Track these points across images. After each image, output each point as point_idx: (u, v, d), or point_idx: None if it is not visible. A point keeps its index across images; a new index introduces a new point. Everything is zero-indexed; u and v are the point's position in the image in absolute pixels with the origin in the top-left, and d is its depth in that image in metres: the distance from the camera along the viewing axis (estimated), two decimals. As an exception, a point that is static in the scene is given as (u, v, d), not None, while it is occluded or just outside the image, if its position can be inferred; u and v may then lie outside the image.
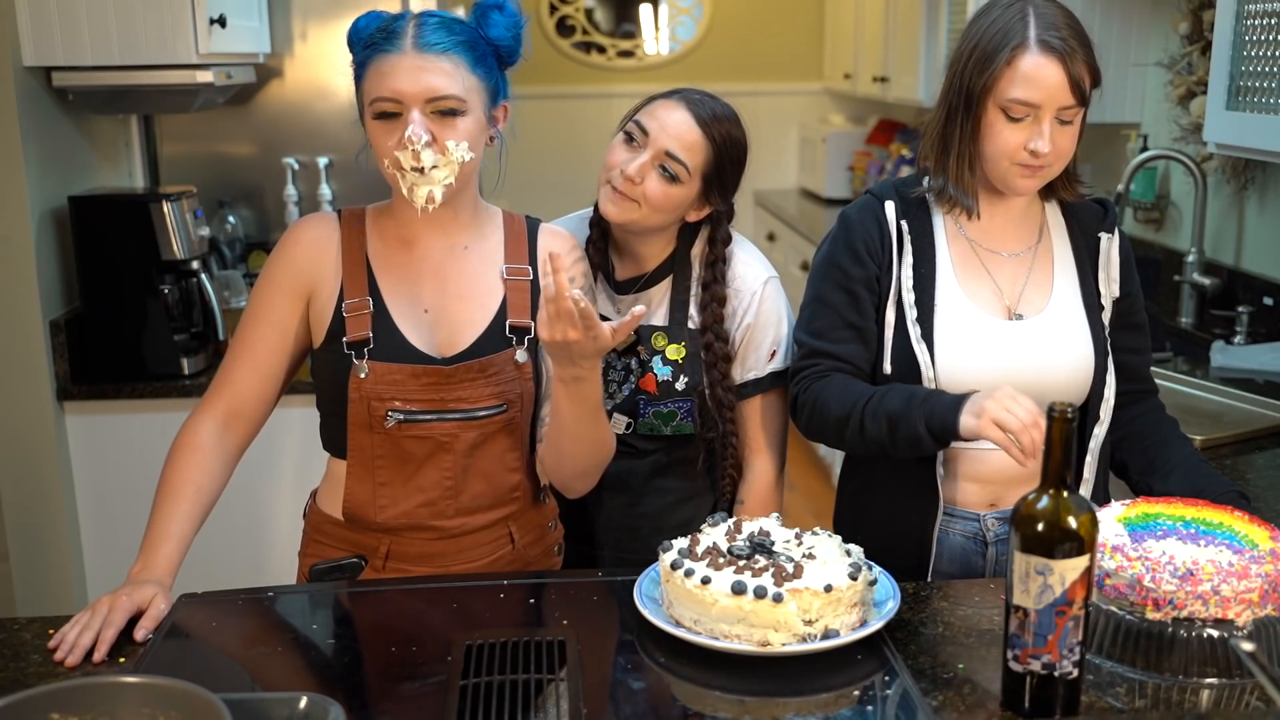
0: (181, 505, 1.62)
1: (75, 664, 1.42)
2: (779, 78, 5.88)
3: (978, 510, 1.76)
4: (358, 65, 1.65)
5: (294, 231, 1.73)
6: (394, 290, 1.68)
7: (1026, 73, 1.62)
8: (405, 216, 1.69)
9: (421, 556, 1.71)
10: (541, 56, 5.73)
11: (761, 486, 1.96)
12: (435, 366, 1.65)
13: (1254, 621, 1.35)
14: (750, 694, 1.35)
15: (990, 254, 1.77)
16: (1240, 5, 2.24)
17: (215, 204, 3.20)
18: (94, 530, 2.75)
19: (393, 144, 1.58)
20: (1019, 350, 1.73)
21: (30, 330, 2.61)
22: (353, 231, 1.70)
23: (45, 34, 2.55)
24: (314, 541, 1.76)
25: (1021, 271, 1.78)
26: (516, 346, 1.69)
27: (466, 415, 1.66)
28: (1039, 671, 1.26)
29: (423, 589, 1.65)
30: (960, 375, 1.70)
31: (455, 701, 1.32)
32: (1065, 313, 1.76)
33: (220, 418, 1.69)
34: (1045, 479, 1.25)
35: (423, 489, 1.68)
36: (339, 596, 1.65)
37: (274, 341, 1.69)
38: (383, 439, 1.66)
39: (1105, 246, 1.79)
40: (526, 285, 1.72)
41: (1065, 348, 1.74)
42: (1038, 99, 1.62)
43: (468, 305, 1.69)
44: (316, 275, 1.68)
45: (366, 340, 1.64)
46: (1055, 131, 1.65)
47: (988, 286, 1.76)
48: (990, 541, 1.76)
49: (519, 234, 1.76)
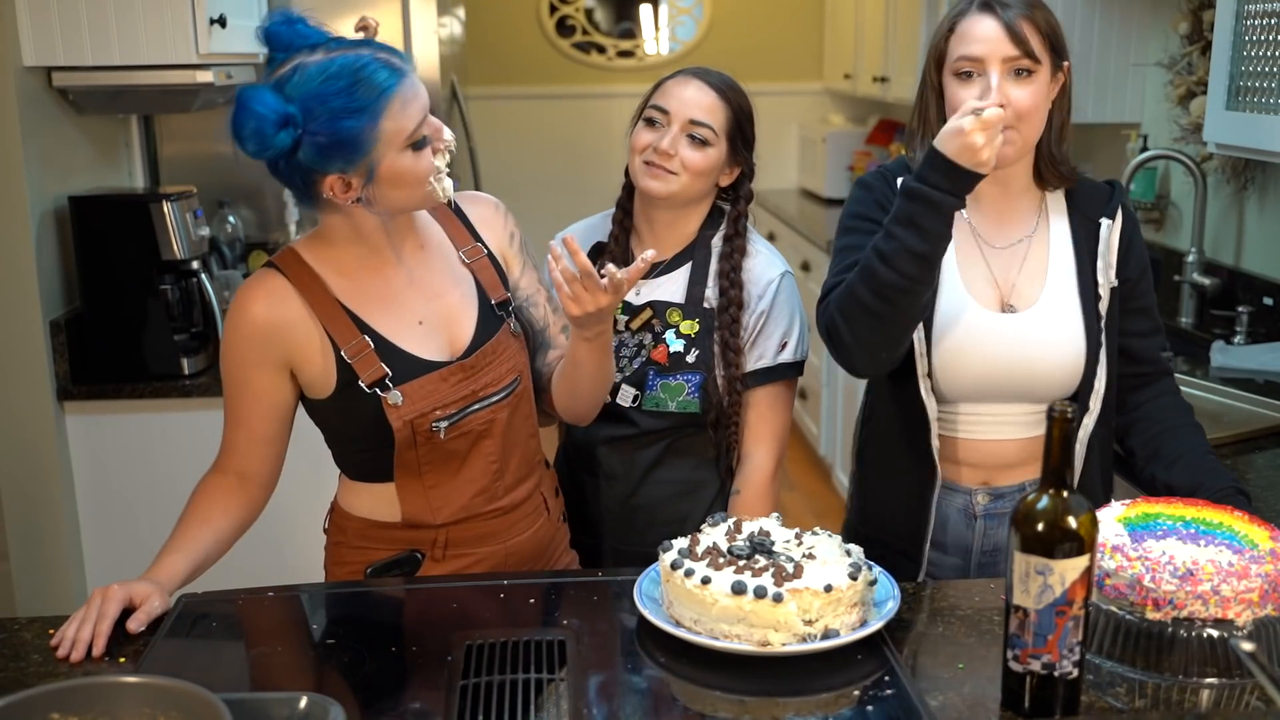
0: (190, 528, 1.62)
1: (79, 659, 1.42)
2: (779, 78, 5.88)
3: (970, 486, 1.81)
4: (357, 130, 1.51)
5: (244, 309, 1.61)
6: (381, 317, 1.65)
7: (964, 31, 1.67)
8: (367, 245, 1.64)
9: (479, 538, 1.73)
10: (541, 56, 5.73)
11: (759, 478, 1.97)
12: (459, 363, 1.67)
13: (1254, 621, 1.35)
14: (750, 694, 1.35)
15: (986, 243, 1.79)
16: (1240, 5, 2.23)
17: (215, 204, 3.20)
18: (94, 530, 2.75)
19: (431, 159, 1.58)
20: (1008, 344, 1.74)
21: (30, 330, 2.61)
22: (305, 280, 1.62)
23: (45, 34, 2.55)
24: (355, 548, 1.74)
25: (1015, 262, 1.78)
26: (507, 320, 1.74)
27: (495, 398, 1.69)
28: (1039, 671, 1.26)
29: (423, 589, 1.65)
30: (951, 365, 1.74)
31: (455, 701, 1.32)
32: (1057, 305, 1.76)
33: (232, 477, 1.68)
34: (1045, 479, 1.25)
35: (473, 479, 1.70)
36: (340, 597, 1.65)
37: (265, 413, 1.66)
38: (428, 449, 1.66)
39: (1104, 234, 1.77)
40: (486, 261, 1.75)
41: (1055, 341, 1.75)
42: (978, 52, 1.65)
43: (452, 300, 1.70)
44: (290, 345, 1.61)
45: (385, 374, 1.63)
46: (1009, 86, 1.64)
47: (983, 275, 1.78)
48: (978, 515, 1.82)
49: (447, 216, 1.76)
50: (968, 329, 1.74)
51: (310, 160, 1.52)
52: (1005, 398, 1.76)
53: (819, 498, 4.64)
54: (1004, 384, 1.75)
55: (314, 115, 1.49)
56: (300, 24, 1.55)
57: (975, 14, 1.67)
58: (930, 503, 1.79)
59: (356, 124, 1.50)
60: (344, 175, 1.54)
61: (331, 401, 1.65)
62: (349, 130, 1.50)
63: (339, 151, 1.51)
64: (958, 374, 1.74)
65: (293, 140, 1.50)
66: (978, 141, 1.53)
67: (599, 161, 5.78)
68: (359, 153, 1.52)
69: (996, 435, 1.78)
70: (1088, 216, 1.79)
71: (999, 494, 1.81)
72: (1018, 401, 1.76)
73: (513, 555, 1.76)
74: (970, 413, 1.78)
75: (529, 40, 5.69)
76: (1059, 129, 1.75)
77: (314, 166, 1.53)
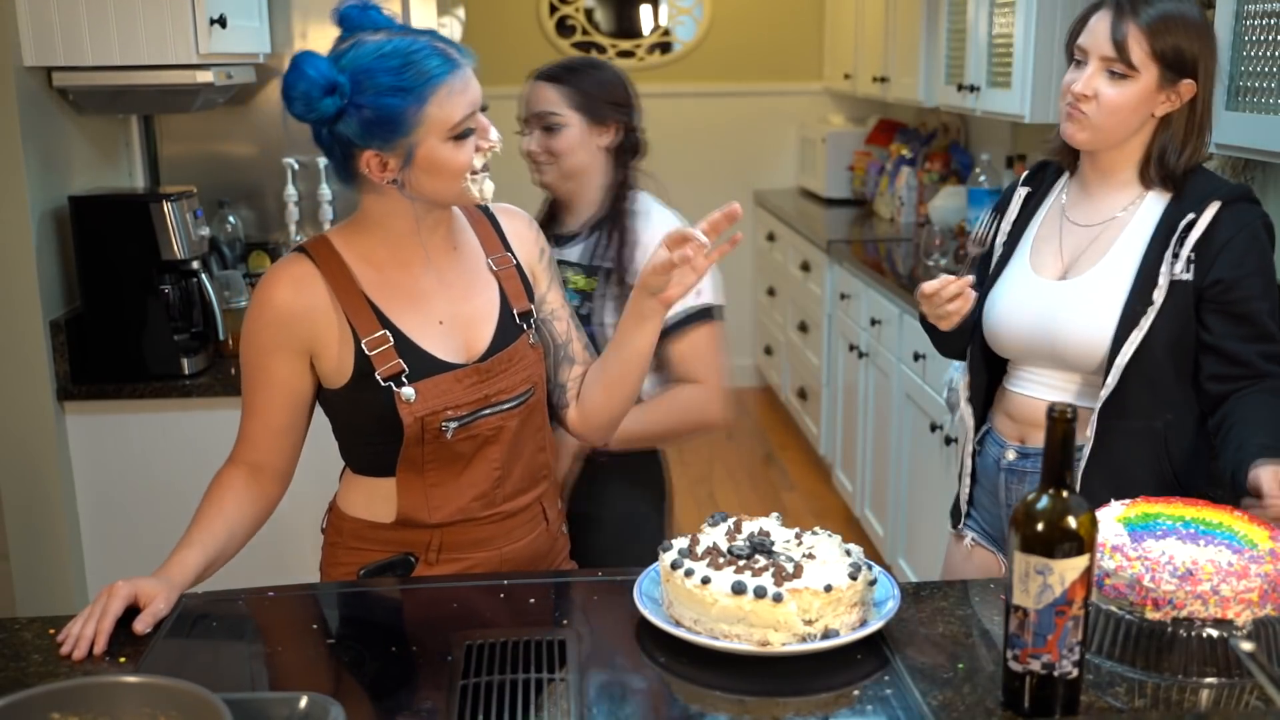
0: (203, 523, 1.63)
1: (82, 656, 1.43)
2: (779, 78, 5.88)
3: (1007, 439, 1.95)
4: (400, 110, 1.53)
5: (270, 294, 1.63)
6: (404, 314, 1.66)
7: (1089, 23, 1.84)
8: (399, 237, 1.66)
9: (473, 543, 1.73)
10: (541, 56, 5.71)
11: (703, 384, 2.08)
12: (474, 366, 1.67)
13: (1253, 621, 1.35)
14: (750, 694, 1.35)
15: (1068, 222, 1.92)
16: (1240, 5, 2.23)
17: (215, 204, 3.20)
18: (94, 530, 2.75)
19: (472, 155, 1.59)
20: (1042, 307, 1.87)
21: (30, 330, 2.61)
22: (334, 269, 1.64)
23: (45, 34, 2.55)
24: (350, 549, 1.74)
25: (1089, 238, 1.88)
26: (527, 330, 1.74)
27: (507, 405, 1.69)
28: (1039, 671, 1.26)
29: (423, 589, 1.65)
30: (994, 322, 1.93)
31: (455, 701, 1.32)
32: (1103, 280, 1.84)
33: (246, 469, 1.69)
34: (1045, 479, 1.25)
35: (474, 483, 1.70)
36: (340, 597, 1.65)
37: (282, 401, 1.67)
38: (435, 447, 1.66)
39: (1182, 227, 1.79)
40: (514, 271, 1.76)
41: (1086, 312, 1.83)
42: (1086, 44, 1.83)
43: (475, 304, 1.71)
44: (312, 332, 1.63)
45: (402, 370, 1.63)
46: (1099, 81, 1.80)
47: (1052, 249, 1.92)
48: (1003, 468, 1.95)
49: (482, 222, 1.78)
50: (1013, 290, 1.91)
51: (351, 132, 1.56)
52: (1039, 360, 1.90)
53: (819, 498, 4.64)
54: (1034, 345, 1.88)
55: (361, 88, 1.53)
56: (374, 10, 1.60)
57: (1101, 11, 1.83)
58: (967, 447, 2.02)
59: (400, 103, 1.53)
60: (381, 153, 1.57)
61: (345, 392, 1.65)
62: (391, 108, 1.53)
63: (379, 128, 1.54)
64: (998, 331, 1.93)
65: (336, 109, 1.54)
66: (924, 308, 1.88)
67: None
68: (398, 132, 1.55)
69: (1032, 394, 1.91)
70: (1182, 209, 1.82)
71: (1025, 453, 1.92)
72: (1050, 366, 1.89)
73: (507, 562, 1.75)
74: (1016, 370, 1.95)
75: (529, 40, 5.69)
76: (1177, 142, 1.82)
77: (354, 139, 1.56)
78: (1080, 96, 1.81)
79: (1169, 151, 1.83)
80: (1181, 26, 1.78)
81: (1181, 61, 1.79)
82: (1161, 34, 1.77)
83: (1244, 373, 1.77)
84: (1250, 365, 1.77)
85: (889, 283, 3.73)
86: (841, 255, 4.31)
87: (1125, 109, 1.80)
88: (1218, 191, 1.80)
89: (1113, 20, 1.79)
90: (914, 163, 4.84)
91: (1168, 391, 1.81)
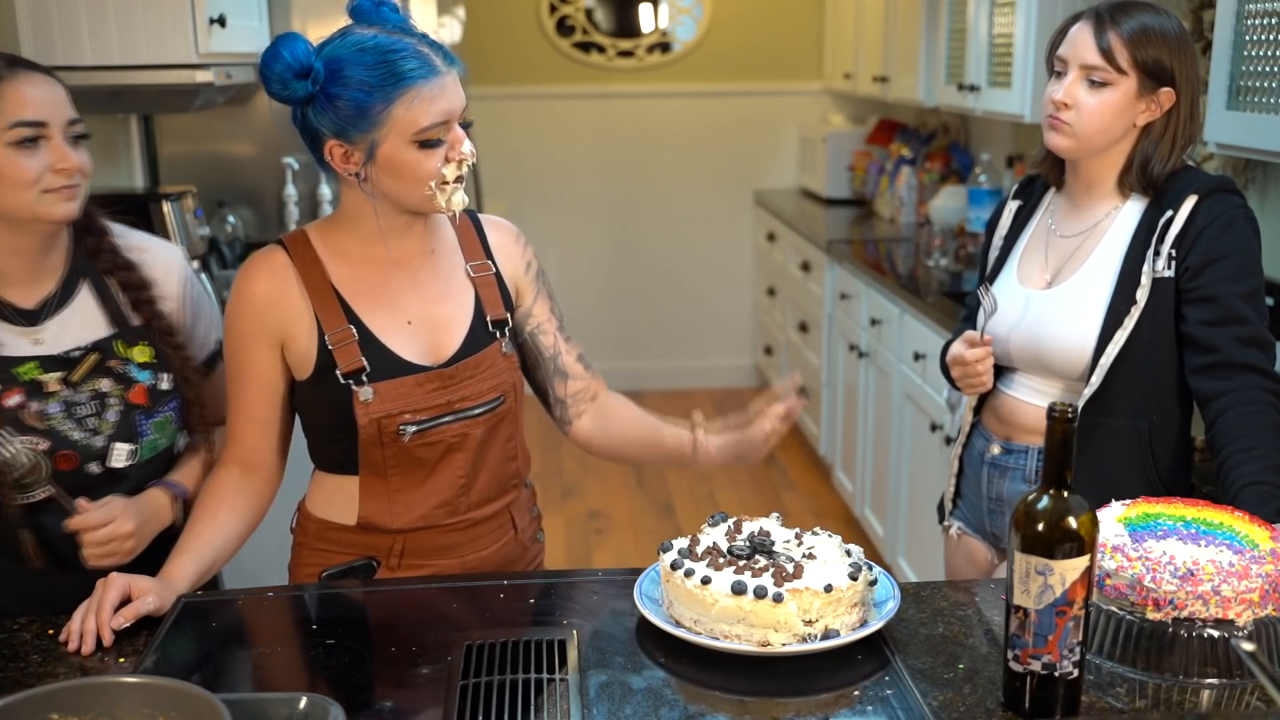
0: (197, 528, 1.65)
1: (89, 651, 1.45)
2: (779, 77, 5.88)
3: (993, 434, 2.01)
4: (366, 106, 1.55)
5: (246, 284, 1.66)
6: (372, 311, 1.66)
7: (1069, 35, 1.87)
8: (371, 234, 1.66)
9: (437, 550, 1.72)
10: (541, 56, 5.73)
11: None
12: (437, 371, 1.66)
13: (1254, 621, 1.35)
14: (750, 694, 1.35)
15: (1054, 233, 1.96)
16: (1240, 5, 2.23)
17: (215, 204, 3.20)
18: (94, 530, 2.74)
19: (438, 164, 1.58)
20: (1024, 317, 1.91)
21: (30, 330, 2.60)
22: (307, 262, 1.66)
23: (45, 34, 2.55)
24: (315, 550, 1.74)
25: (1069, 250, 1.92)
26: (500, 339, 1.72)
27: (471, 413, 1.68)
28: (1039, 671, 1.26)
29: (423, 589, 1.65)
30: (989, 332, 1.97)
31: (455, 701, 1.32)
32: (1083, 286, 1.86)
33: (238, 468, 1.70)
34: (1045, 478, 1.25)
35: (437, 491, 1.69)
36: (339, 597, 1.65)
37: (264, 395, 1.68)
38: (395, 450, 1.66)
39: (1162, 224, 1.81)
40: (492, 279, 1.75)
41: (1065, 320, 1.86)
42: (1066, 54, 1.86)
43: (447, 308, 1.70)
44: (284, 321, 1.65)
45: (362, 368, 1.64)
46: (1079, 90, 1.83)
47: (1039, 261, 1.96)
48: (986, 462, 2.00)
49: (467, 229, 1.77)
50: (1001, 302, 1.95)
51: (316, 118, 1.58)
52: (1024, 366, 1.94)
53: (819, 498, 4.64)
54: (1020, 354, 1.93)
55: (334, 78, 1.56)
56: (386, 7, 1.62)
57: (1081, 22, 1.87)
58: (959, 440, 2.09)
59: (366, 98, 1.55)
60: (344, 144, 1.58)
61: (308, 385, 1.67)
62: (357, 101, 1.55)
63: (343, 119, 1.56)
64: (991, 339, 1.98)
65: (307, 94, 1.56)
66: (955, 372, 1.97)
67: (599, 161, 5.78)
68: (360, 127, 1.56)
69: (1019, 396, 1.96)
70: (1161, 208, 1.83)
71: (1009, 449, 1.97)
72: (1034, 372, 1.93)
73: (471, 570, 1.74)
74: (1006, 373, 2.00)
75: (529, 40, 5.68)
76: (1157, 150, 1.84)
77: (320, 127, 1.58)
78: (1060, 105, 1.84)
79: (1152, 160, 1.85)
80: (1160, 37, 1.82)
81: (1161, 70, 1.82)
82: (1141, 44, 1.81)
83: (1220, 359, 1.76)
84: (1224, 350, 1.76)
85: (889, 283, 3.73)
86: (841, 255, 4.31)
87: (1106, 115, 1.83)
88: (1194, 185, 1.82)
89: (1094, 30, 1.83)
90: (914, 163, 4.84)
91: (1153, 393, 1.83)
